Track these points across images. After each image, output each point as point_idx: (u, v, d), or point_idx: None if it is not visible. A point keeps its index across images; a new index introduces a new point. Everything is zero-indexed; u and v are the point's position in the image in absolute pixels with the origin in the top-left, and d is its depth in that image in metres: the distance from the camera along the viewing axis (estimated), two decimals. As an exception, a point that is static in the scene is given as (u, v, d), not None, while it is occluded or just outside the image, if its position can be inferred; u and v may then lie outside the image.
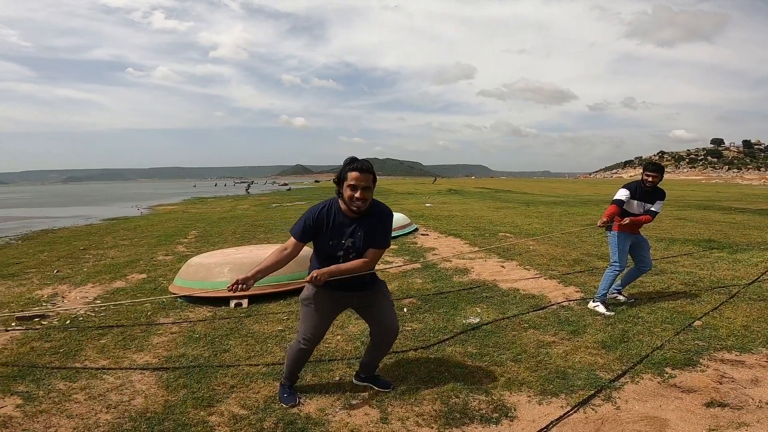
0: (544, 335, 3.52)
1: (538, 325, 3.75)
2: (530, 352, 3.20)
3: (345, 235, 2.32)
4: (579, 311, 4.09)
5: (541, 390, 2.66)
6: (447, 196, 23.62)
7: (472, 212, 13.91)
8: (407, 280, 5.36)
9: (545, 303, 4.34)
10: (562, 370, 2.91)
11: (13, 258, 7.58)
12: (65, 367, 3.01)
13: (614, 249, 4.11)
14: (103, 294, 4.99)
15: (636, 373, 2.84)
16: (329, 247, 2.34)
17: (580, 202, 17.42)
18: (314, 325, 2.45)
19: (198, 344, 3.39)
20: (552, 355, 3.14)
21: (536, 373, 2.86)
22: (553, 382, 2.75)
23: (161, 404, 2.51)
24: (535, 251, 6.97)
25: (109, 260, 7.09)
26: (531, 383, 2.74)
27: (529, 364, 3.00)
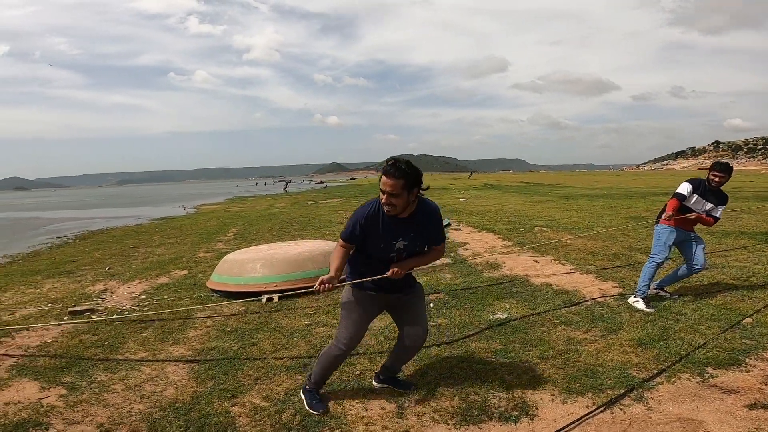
0: (576, 332, 3.37)
1: (570, 321, 3.59)
2: (558, 349, 3.07)
3: (396, 237, 2.27)
4: (615, 307, 3.88)
5: (567, 389, 2.55)
6: (482, 190, 23.15)
7: (507, 206, 13.55)
8: (436, 275, 5.30)
9: (579, 299, 4.16)
10: (592, 368, 2.77)
11: (70, 256, 8.17)
12: (108, 359, 3.19)
13: (657, 241, 3.89)
14: (148, 289, 5.27)
15: (673, 373, 2.66)
16: (380, 251, 2.29)
17: (625, 195, 16.54)
18: (356, 329, 2.39)
19: (229, 338, 3.51)
20: (582, 352, 3.00)
21: (563, 371, 2.74)
22: (580, 380, 2.63)
23: (190, 395, 2.61)
24: (572, 245, 6.69)
25: (155, 257, 7.49)
26: (556, 381, 2.63)
27: (556, 361, 2.89)
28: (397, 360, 2.59)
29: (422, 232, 2.30)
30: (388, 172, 2.14)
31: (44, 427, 2.30)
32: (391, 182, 2.14)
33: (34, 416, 2.41)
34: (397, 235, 2.27)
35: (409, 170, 2.15)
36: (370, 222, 2.26)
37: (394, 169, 2.13)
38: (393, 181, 2.13)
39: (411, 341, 2.45)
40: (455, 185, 29.39)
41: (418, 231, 2.29)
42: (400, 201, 2.18)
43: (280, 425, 2.29)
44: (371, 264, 2.33)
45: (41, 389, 2.74)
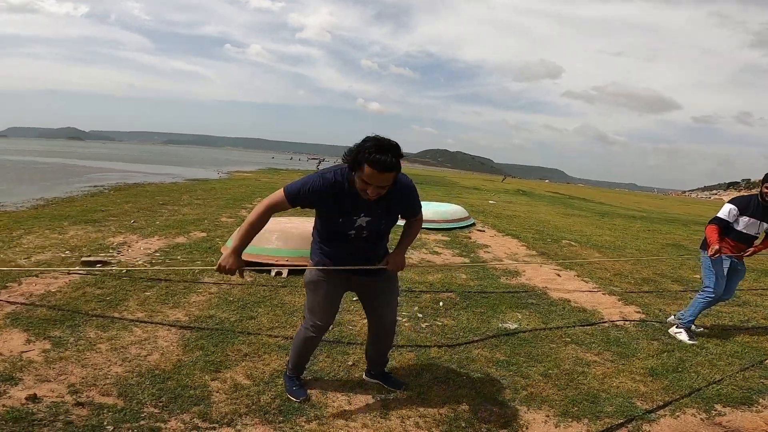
0: (586, 353, 3.18)
1: (582, 341, 3.40)
2: (564, 368, 2.90)
3: (359, 212, 1.99)
4: (634, 333, 3.64)
5: (563, 411, 2.39)
6: (514, 195, 22.54)
7: (537, 215, 13.12)
8: (451, 274, 5.15)
9: (596, 319, 3.93)
10: (595, 393, 2.60)
11: (101, 206, 8.38)
12: (104, 315, 3.13)
13: (709, 272, 3.49)
14: (164, 247, 5.30)
15: (679, 407, 2.47)
16: (338, 225, 2.03)
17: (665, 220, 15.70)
18: (324, 311, 2.21)
19: (229, 308, 3.46)
20: (588, 375, 2.82)
21: (563, 392, 2.58)
22: (579, 404, 2.46)
23: (173, 363, 2.53)
24: (599, 264, 6.37)
25: (179, 216, 7.60)
26: (554, 402, 2.47)
27: (559, 381, 2.72)
28: (377, 352, 2.45)
29: (393, 209, 2.05)
30: (383, 167, 1.79)
31: (14, 383, 2.23)
32: (383, 177, 1.82)
33: (9, 370, 2.34)
34: (359, 210, 1.99)
35: (399, 157, 1.84)
36: (330, 191, 1.94)
37: (390, 161, 1.80)
38: (386, 176, 1.83)
39: (382, 332, 2.34)
40: (487, 187, 28.78)
41: (388, 208, 2.02)
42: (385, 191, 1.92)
43: (256, 407, 2.22)
44: (331, 241, 2.12)
45: (27, 342, 2.67)
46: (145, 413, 2.06)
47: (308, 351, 2.39)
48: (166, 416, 2.05)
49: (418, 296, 4.21)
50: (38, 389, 2.18)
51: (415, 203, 2.16)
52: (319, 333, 2.29)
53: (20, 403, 2.06)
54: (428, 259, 5.88)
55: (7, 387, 2.19)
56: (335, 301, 2.27)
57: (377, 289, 2.28)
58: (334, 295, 2.25)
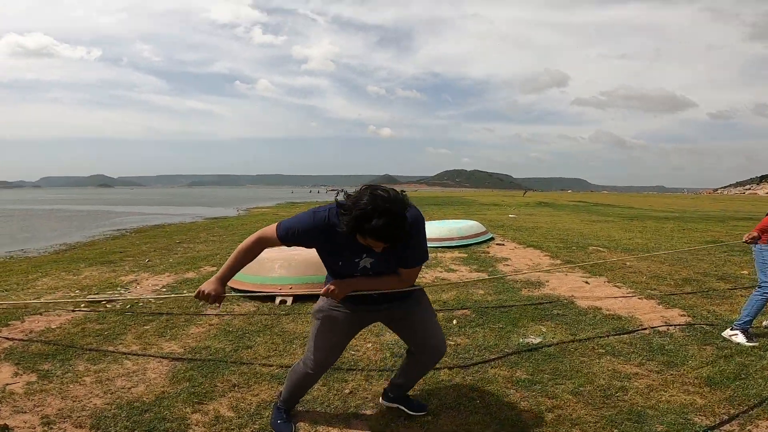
0: (625, 365, 2.73)
1: (619, 352, 2.94)
2: (598, 384, 2.47)
3: (360, 253, 1.76)
4: (681, 339, 3.16)
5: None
6: (535, 208, 21.86)
7: (560, 224, 12.52)
8: (467, 290, 4.76)
9: (634, 326, 3.45)
10: (639, 410, 2.17)
11: (119, 247, 8.50)
12: (98, 349, 3.03)
13: (764, 266, 3.12)
14: (172, 283, 5.21)
15: (750, 420, 2.03)
16: (339, 268, 1.81)
17: (699, 218, 14.79)
18: (327, 346, 1.93)
19: (226, 338, 3.28)
20: (629, 389, 2.39)
21: (599, 412, 2.16)
22: (620, 425, 2.04)
23: (156, 395, 2.37)
24: (632, 267, 5.83)
25: (194, 253, 7.58)
26: (588, 425, 2.06)
27: (592, 398, 2.30)
28: (410, 377, 2.13)
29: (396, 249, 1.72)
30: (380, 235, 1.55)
31: None
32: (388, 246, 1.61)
33: None
34: (361, 250, 1.74)
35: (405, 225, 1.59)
36: (323, 232, 1.72)
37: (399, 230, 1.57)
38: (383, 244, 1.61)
39: (426, 357, 2.00)
40: (507, 202, 28.17)
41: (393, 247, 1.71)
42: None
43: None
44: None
45: (15, 375, 2.61)
46: None
47: (305, 388, 2.12)
48: None
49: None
50: (11, 420, 2.09)
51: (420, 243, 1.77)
52: (318, 371, 2.00)
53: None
54: (443, 277, 5.50)
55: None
56: (343, 336, 1.97)
57: (407, 316, 1.95)
58: (341, 329, 1.94)
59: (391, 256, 1.76)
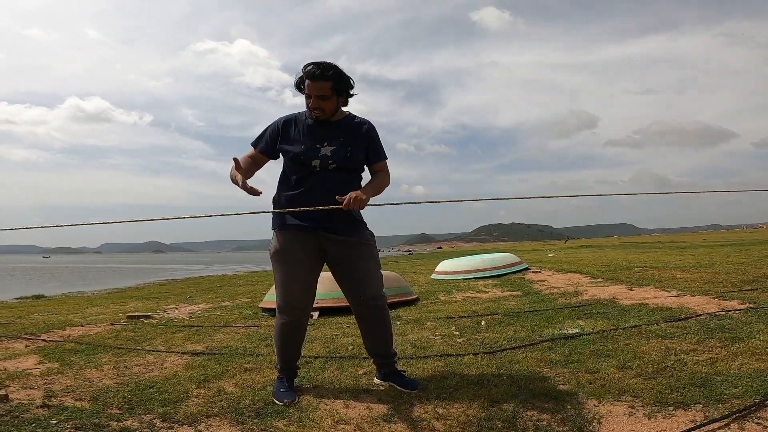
0: (680, 344, 2.35)
1: (671, 334, 2.55)
2: (649, 358, 2.12)
3: (320, 139, 1.89)
4: (743, 319, 2.73)
5: (657, 399, 1.64)
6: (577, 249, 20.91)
7: (604, 257, 11.76)
8: (498, 303, 4.42)
9: (687, 314, 3.03)
10: (704, 377, 1.83)
11: (165, 290, 9.18)
12: (125, 347, 3.04)
13: None
14: (208, 308, 5.38)
15: None
16: (301, 154, 1.87)
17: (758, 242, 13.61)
18: (290, 280, 1.89)
19: (249, 340, 3.21)
20: (687, 362, 2.03)
21: (653, 381, 1.82)
22: (681, 390, 1.70)
23: (166, 377, 2.27)
24: (683, 278, 5.28)
25: (232, 291, 7.91)
26: (640, 391, 1.73)
27: (643, 371, 1.96)
28: (372, 341, 2.03)
29: (353, 138, 1.92)
30: (313, 75, 1.83)
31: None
32: (318, 84, 1.83)
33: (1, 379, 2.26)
34: (322, 137, 1.90)
35: (335, 71, 1.85)
36: (289, 122, 1.94)
37: (319, 70, 1.84)
38: (320, 83, 1.83)
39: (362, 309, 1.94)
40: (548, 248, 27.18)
41: (350, 136, 1.92)
42: (330, 105, 1.87)
43: (231, 409, 1.79)
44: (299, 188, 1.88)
45: (38, 363, 2.62)
46: (104, 414, 1.78)
47: (288, 340, 1.98)
48: (125, 416, 1.77)
49: (456, 321, 3.54)
50: (16, 393, 2.04)
51: (377, 142, 2.00)
52: (292, 315, 1.93)
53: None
54: (473, 297, 5.16)
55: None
56: (304, 270, 1.91)
57: (354, 255, 1.92)
58: (298, 259, 1.89)
59: (350, 145, 1.90)
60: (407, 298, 4.68)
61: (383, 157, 1.99)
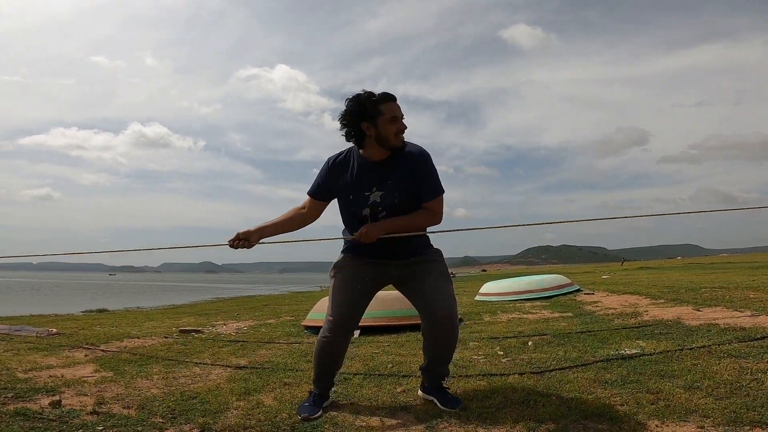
0: (756, 364, 2.09)
1: (746, 354, 2.28)
2: (721, 378, 1.90)
3: (370, 186, 1.82)
4: (833, 339, 2.39)
5: (731, 418, 1.47)
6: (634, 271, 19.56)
7: (665, 278, 10.92)
8: (547, 324, 4.18)
9: (765, 333, 2.71)
10: None
11: (215, 307, 9.63)
12: (175, 359, 3.15)
13: None
14: (254, 325, 5.56)
15: None
16: (350, 204, 1.85)
17: None
18: (341, 300, 1.88)
19: (291, 356, 3.25)
20: (765, 381, 1.81)
21: (725, 401, 1.63)
22: (758, 409, 1.52)
23: (209, 388, 2.32)
24: (757, 298, 4.78)
25: (277, 309, 8.19)
26: (711, 411, 1.55)
27: (715, 391, 1.76)
28: (432, 358, 1.91)
29: (404, 179, 1.80)
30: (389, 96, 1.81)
31: (53, 394, 2.21)
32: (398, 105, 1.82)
33: (56, 385, 2.38)
34: (371, 183, 1.81)
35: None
36: (337, 166, 1.87)
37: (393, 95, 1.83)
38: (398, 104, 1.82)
39: (432, 325, 1.81)
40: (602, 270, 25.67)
41: (398, 176, 1.80)
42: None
43: (269, 422, 1.79)
44: (351, 225, 1.88)
45: (94, 371, 2.76)
46: (147, 422, 1.84)
47: (326, 357, 1.96)
48: (167, 425, 1.81)
49: (501, 341, 3.37)
50: (70, 399, 2.14)
51: (431, 174, 1.84)
52: (334, 333, 1.90)
53: (39, 406, 2.01)
54: (520, 318, 4.92)
55: (42, 396, 2.18)
56: (358, 292, 1.89)
57: (419, 271, 1.87)
58: (355, 284, 1.88)
59: (398, 189, 1.80)
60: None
61: (436, 194, 1.84)
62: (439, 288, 1.81)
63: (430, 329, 1.83)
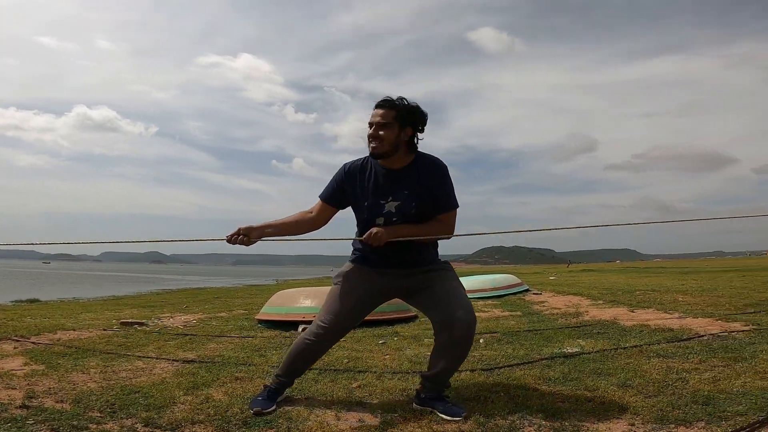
0: (682, 363, 2.30)
1: (673, 354, 2.50)
2: (650, 377, 2.07)
3: (386, 195, 1.79)
4: (746, 340, 2.68)
5: (658, 417, 1.59)
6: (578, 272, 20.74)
7: (605, 280, 11.66)
8: (498, 322, 4.36)
9: (689, 335, 2.97)
10: (706, 394, 1.77)
11: (162, 299, 8.98)
12: (115, 353, 2.99)
13: None
14: (204, 318, 5.32)
15: None
16: (365, 210, 1.82)
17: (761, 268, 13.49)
18: (338, 308, 1.83)
19: (243, 350, 3.16)
20: (689, 380, 1.98)
21: (654, 399, 1.77)
22: (683, 408, 1.65)
23: (153, 383, 2.22)
24: (685, 301, 5.22)
25: (229, 302, 7.88)
26: (640, 409, 1.68)
27: (645, 389, 1.91)
28: (442, 366, 1.78)
29: (420, 189, 1.78)
30: (377, 104, 1.81)
31: None
32: (380, 111, 1.78)
33: None
34: (387, 192, 1.80)
35: (402, 103, 1.79)
36: (353, 173, 1.85)
37: (384, 101, 1.79)
38: (383, 111, 1.77)
39: (450, 331, 1.70)
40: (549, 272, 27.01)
41: (414, 187, 1.78)
42: (390, 135, 1.75)
43: (219, 417, 1.74)
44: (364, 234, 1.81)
45: (24, 364, 2.58)
46: (84, 416, 1.74)
47: (301, 358, 1.93)
48: (105, 419, 1.72)
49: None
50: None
51: (447, 186, 1.82)
52: (320, 339, 1.87)
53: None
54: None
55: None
56: (357, 301, 1.86)
57: (430, 282, 1.82)
58: (356, 293, 1.85)
59: (414, 199, 1.79)
60: (405, 315, 4.63)
61: (450, 208, 1.82)
62: (457, 293, 1.77)
63: (449, 336, 1.72)
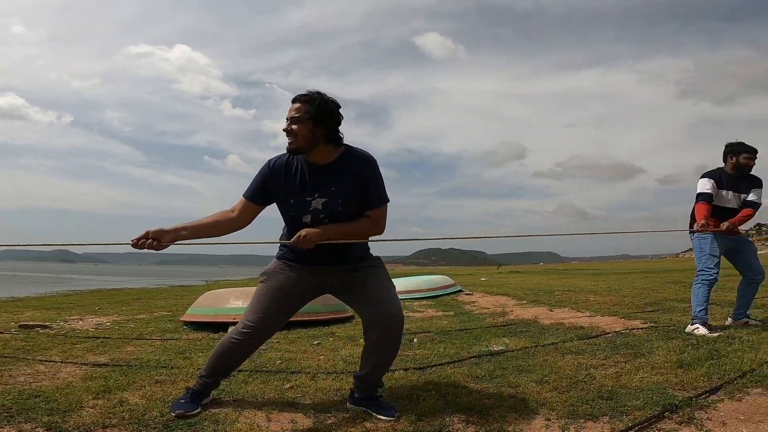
0: (590, 359, 2.55)
1: (583, 350, 2.77)
2: (564, 373, 2.27)
3: (311, 191, 1.74)
4: (644, 336, 3.04)
5: (570, 412, 1.76)
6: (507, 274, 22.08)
7: (530, 281, 12.54)
8: (431, 322, 4.52)
9: (597, 332, 3.31)
10: (610, 389, 1.98)
11: (71, 301, 8.13)
12: (13, 356, 2.71)
13: (700, 254, 3.15)
14: (120, 320, 4.91)
15: (738, 388, 1.86)
16: (291, 208, 1.76)
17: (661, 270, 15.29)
18: (265, 306, 1.77)
19: (165, 353, 2.96)
20: (596, 375, 2.20)
21: (567, 394, 1.95)
22: (590, 403, 1.83)
23: (57, 387, 2.04)
24: (595, 300, 5.78)
25: (150, 303, 7.28)
26: (555, 404, 1.84)
27: (558, 385, 2.09)
28: (373, 364, 1.79)
29: (347, 185, 1.74)
30: (293, 98, 1.76)
31: None
32: (295, 106, 1.73)
33: None
34: (313, 189, 1.74)
35: (318, 97, 1.72)
36: (278, 169, 1.77)
37: (299, 95, 1.75)
38: (297, 105, 1.73)
39: (380, 329, 1.70)
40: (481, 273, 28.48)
41: (342, 183, 1.74)
42: (303, 130, 1.70)
43: (134, 420, 1.65)
44: (291, 231, 1.78)
45: None
46: None
47: (227, 358, 1.85)
48: (2, 423, 1.58)
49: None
50: None
51: (376, 182, 1.78)
52: (246, 338, 1.79)
53: None
54: (408, 316, 5.23)
55: None
56: (285, 298, 1.81)
57: (362, 277, 1.81)
58: (284, 290, 1.79)
59: (341, 195, 1.75)
60: (341, 315, 4.64)
61: (380, 203, 1.79)
62: (387, 292, 1.76)
63: (379, 334, 1.72)
